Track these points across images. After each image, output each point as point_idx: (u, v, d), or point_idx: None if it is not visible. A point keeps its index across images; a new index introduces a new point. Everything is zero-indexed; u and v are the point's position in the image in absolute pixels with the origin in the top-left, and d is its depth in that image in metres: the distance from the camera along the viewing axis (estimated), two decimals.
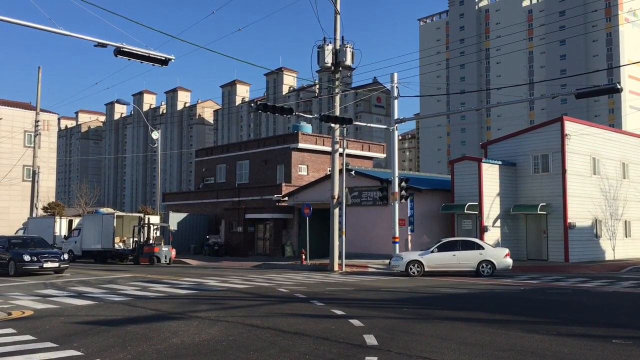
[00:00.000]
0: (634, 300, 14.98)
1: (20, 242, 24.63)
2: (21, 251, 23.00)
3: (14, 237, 26.08)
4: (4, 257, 23.22)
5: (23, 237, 27.94)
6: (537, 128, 33.55)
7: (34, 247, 23.78)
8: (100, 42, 15.15)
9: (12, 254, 22.96)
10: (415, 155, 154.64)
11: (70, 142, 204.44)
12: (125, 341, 8.92)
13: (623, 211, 32.54)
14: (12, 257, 22.79)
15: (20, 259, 22.46)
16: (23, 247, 23.73)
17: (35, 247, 23.82)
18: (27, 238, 25.92)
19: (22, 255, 22.49)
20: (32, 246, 23.93)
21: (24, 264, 22.44)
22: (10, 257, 22.85)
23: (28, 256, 22.51)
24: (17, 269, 22.40)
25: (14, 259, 22.61)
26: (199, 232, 43.28)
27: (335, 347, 8.37)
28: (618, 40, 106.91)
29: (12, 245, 23.79)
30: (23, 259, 22.42)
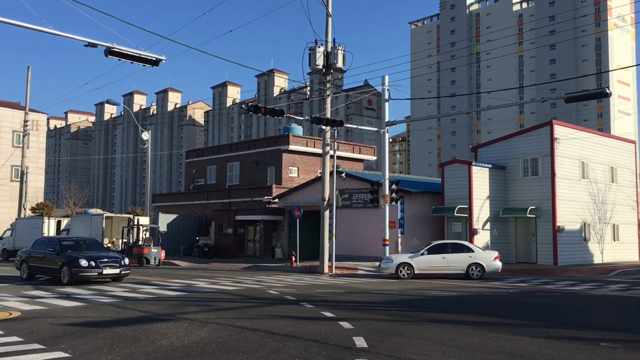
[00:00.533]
0: (622, 304, 15.08)
1: (72, 243, 20.81)
2: (76, 254, 19.30)
3: (65, 238, 22.11)
4: (55, 261, 19.48)
5: (74, 238, 23.85)
6: (527, 132, 33.73)
7: (89, 250, 20.39)
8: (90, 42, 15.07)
9: (65, 258, 19.19)
10: (406, 158, 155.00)
11: (60, 143, 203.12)
12: (113, 343, 8.85)
13: (611, 215, 32.77)
14: (65, 262, 18.97)
15: (76, 264, 18.73)
16: (76, 249, 20.16)
17: (91, 250, 20.42)
18: (79, 239, 22.06)
19: (79, 260, 18.75)
20: (85, 248, 20.52)
21: (81, 270, 18.73)
22: (64, 262, 19.01)
23: (85, 261, 18.75)
24: (73, 276, 18.74)
25: (69, 264, 18.84)
26: (189, 234, 43.11)
27: (325, 350, 8.35)
28: (607, 45, 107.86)
29: (64, 247, 19.98)
30: (79, 264, 18.68)
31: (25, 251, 21.89)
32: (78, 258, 18.92)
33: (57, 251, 19.62)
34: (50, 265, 19.63)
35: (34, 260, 20.69)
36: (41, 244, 21.19)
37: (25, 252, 21.75)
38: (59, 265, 19.13)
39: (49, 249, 19.99)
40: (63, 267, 18.94)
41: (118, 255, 20.92)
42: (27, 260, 21.00)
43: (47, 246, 20.36)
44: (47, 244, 20.74)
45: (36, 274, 20.76)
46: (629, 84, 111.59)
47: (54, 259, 19.52)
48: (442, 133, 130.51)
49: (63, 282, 18.72)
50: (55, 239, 21.47)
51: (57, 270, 19.22)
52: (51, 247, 20.05)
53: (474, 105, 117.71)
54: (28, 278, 20.61)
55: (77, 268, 18.70)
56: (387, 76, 26.65)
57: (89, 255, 19.35)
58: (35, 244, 21.66)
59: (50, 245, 20.23)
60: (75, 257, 19.03)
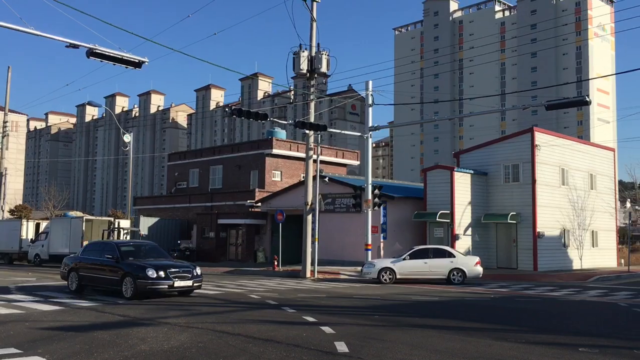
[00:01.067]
0: (601, 309, 15.26)
1: (132, 249, 17.49)
2: (141, 263, 16.11)
3: (124, 243, 18.61)
4: (114, 271, 16.29)
5: (133, 242, 20.14)
6: (508, 138, 34.08)
7: (150, 256, 17.12)
8: (72, 43, 14.91)
9: (127, 267, 15.96)
10: (389, 163, 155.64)
11: (39, 144, 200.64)
12: (91, 347, 8.74)
13: (590, 221, 33.18)
14: (128, 272, 15.77)
15: (142, 274, 15.47)
16: (137, 256, 16.96)
17: (153, 257, 17.14)
18: (139, 244, 18.84)
19: (146, 270, 15.49)
20: (146, 255, 17.24)
21: (149, 282, 15.38)
22: (126, 272, 15.83)
23: (153, 271, 15.48)
24: (138, 289, 15.45)
25: (133, 275, 15.61)
26: (171, 237, 42.77)
27: (306, 354, 8.33)
28: (587, 54, 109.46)
29: (124, 254, 16.74)
30: (147, 275, 15.39)
31: (74, 258, 18.41)
32: (145, 267, 15.59)
33: (117, 258, 16.35)
34: (108, 276, 16.49)
35: (85, 269, 17.31)
36: (94, 250, 17.86)
37: (74, 259, 18.28)
38: (119, 276, 15.93)
39: (106, 256, 16.71)
40: (125, 278, 15.74)
41: (188, 263, 17.51)
42: (77, 268, 17.55)
43: (103, 252, 17.07)
44: (102, 249, 17.41)
45: (88, 285, 17.37)
46: (608, 92, 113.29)
47: (113, 268, 16.29)
48: (425, 139, 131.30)
49: (125, 296, 15.57)
50: (112, 243, 17.69)
51: (116, 281, 16.04)
52: (108, 253, 16.76)
53: (457, 112, 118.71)
54: (77, 290, 17.31)
55: (143, 279, 15.37)
56: (371, 81, 26.74)
57: (156, 263, 15.99)
58: (87, 250, 18.34)
59: (107, 251, 16.91)
60: (141, 266, 15.70)
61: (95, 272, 16.96)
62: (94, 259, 17.21)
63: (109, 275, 16.42)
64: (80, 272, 17.35)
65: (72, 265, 17.77)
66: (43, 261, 35.89)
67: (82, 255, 18.08)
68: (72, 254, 20.68)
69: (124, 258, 16.37)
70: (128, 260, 16.28)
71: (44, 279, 23.39)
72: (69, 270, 17.84)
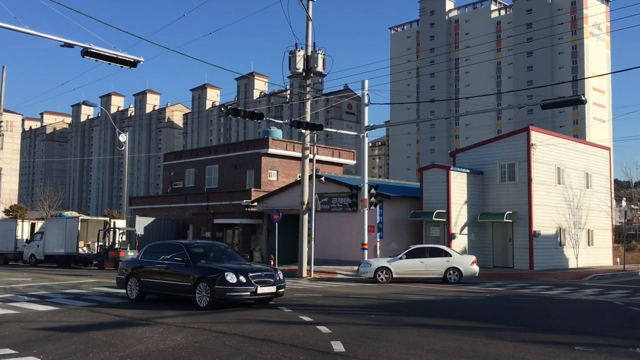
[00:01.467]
0: (596, 308, 15.30)
1: (202, 250, 15.21)
2: (217, 266, 13.82)
3: (192, 244, 15.78)
4: (185, 276, 13.94)
5: (202, 243, 17.21)
6: (504, 137, 34.13)
7: (223, 259, 14.95)
8: (67, 42, 14.86)
9: (200, 271, 13.67)
10: (385, 163, 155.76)
11: (35, 144, 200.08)
12: (87, 348, 8.71)
13: (586, 220, 33.26)
14: (202, 277, 13.45)
15: (220, 280, 13.11)
16: (208, 258, 14.75)
17: (228, 260, 14.97)
18: (208, 244, 16.49)
19: (224, 274, 13.16)
20: (217, 257, 14.98)
21: (229, 289, 13.04)
22: (200, 277, 13.50)
23: (233, 275, 13.16)
24: (216, 297, 13.10)
25: (208, 280, 13.25)
26: (167, 237, 42.70)
27: (303, 354, 8.32)
28: (583, 53, 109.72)
29: (195, 256, 14.45)
30: (225, 280, 13.07)
31: (133, 262, 16.05)
32: (223, 271, 13.29)
33: (186, 261, 14.07)
34: (177, 282, 14.13)
35: (147, 275, 14.96)
36: (157, 252, 15.44)
37: (133, 262, 15.92)
38: (191, 282, 13.63)
39: (175, 259, 14.35)
40: (199, 284, 13.44)
41: (268, 266, 15.95)
42: (137, 273, 15.20)
43: (170, 254, 14.74)
44: (167, 251, 15.06)
45: (151, 292, 15.04)
46: (604, 91, 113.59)
47: (183, 273, 13.98)
48: (421, 138, 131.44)
49: (200, 305, 13.26)
50: (180, 244, 15.23)
51: (187, 288, 13.73)
52: (177, 255, 14.42)
53: (453, 111, 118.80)
54: (139, 298, 15.02)
55: (222, 286, 13.03)
56: (367, 81, 26.78)
57: (235, 267, 13.79)
58: (148, 252, 15.73)
59: (176, 253, 14.56)
60: (218, 270, 13.43)
61: (159, 278, 14.61)
62: (157, 263, 14.86)
63: (178, 281, 14.04)
64: (142, 277, 14.99)
65: (132, 270, 15.40)
66: (38, 261, 35.81)
67: (142, 258, 15.62)
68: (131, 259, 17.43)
69: (195, 261, 14.12)
70: (200, 264, 14.03)
71: (39, 279, 23.32)
72: (128, 275, 15.46)
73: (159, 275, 14.67)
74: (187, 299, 13.86)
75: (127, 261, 16.89)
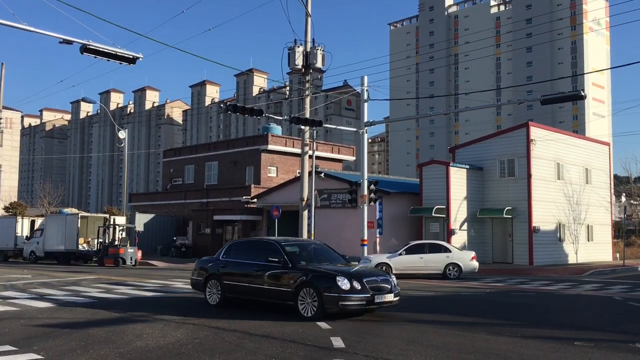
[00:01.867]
0: (596, 303, 15.32)
1: (298, 250, 13.00)
2: (322, 268, 11.95)
3: (288, 242, 13.30)
4: (284, 280, 11.93)
5: (297, 241, 14.68)
6: (504, 133, 34.11)
7: (324, 260, 12.87)
8: (65, 39, 14.83)
9: (305, 274, 11.60)
10: (385, 159, 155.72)
11: (34, 141, 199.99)
12: (87, 344, 8.72)
13: (586, 216, 33.27)
14: (307, 282, 11.41)
15: (329, 285, 11.09)
16: (308, 259, 12.70)
17: (330, 261, 12.89)
18: (304, 243, 14.56)
19: (335, 279, 11.09)
20: (316, 258, 12.93)
21: (340, 296, 10.96)
22: (304, 282, 11.46)
23: (346, 280, 11.08)
24: (325, 305, 11.05)
25: (315, 286, 11.24)
26: (166, 234, 42.75)
27: (302, 350, 8.33)
28: (582, 49, 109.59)
29: (293, 256, 12.34)
30: (337, 286, 11.00)
31: (213, 262, 13.70)
32: (333, 275, 11.27)
33: (284, 263, 12.04)
34: (273, 287, 12.07)
35: (233, 277, 12.95)
36: (244, 251, 13.48)
37: (213, 263, 13.62)
38: (292, 287, 11.62)
39: (270, 260, 12.21)
40: (302, 290, 11.42)
41: (380, 270, 13.82)
42: (219, 275, 13.16)
43: (261, 254, 12.66)
44: (257, 250, 13.03)
45: (238, 297, 13.00)
46: (603, 86, 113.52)
47: (281, 277, 11.97)
48: (421, 134, 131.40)
49: (304, 315, 11.27)
50: (273, 243, 12.94)
51: (287, 294, 11.71)
52: (272, 256, 12.28)
53: (452, 107, 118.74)
54: (222, 304, 13.03)
55: (333, 293, 11.00)
56: (366, 77, 26.66)
57: (346, 270, 11.79)
58: (232, 251, 13.64)
59: (270, 253, 12.40)
60: (327, 274, 11.47)
61: (248, 282, 12.55)
62: (245, 264, 12.86)
63: (275, 286, 12.01)
64: (225, 280, 13.01)
65: (213, 272, 13.34)
66: (38, 258, 35.82)
67: (225, 257, 13.51)
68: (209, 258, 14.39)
69: (295, 262, 12.08)
70: (301, 265, 12.05)
71: (39, 276, 23.33)
72: (207, 277, 13.42)
73: (247, 278, 12.60)
74: (285, 307, 11.97)
75: (204, 260, 14.31)
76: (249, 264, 12.80)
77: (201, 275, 13.74)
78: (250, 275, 12.62)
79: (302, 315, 11.30)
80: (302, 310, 11.42)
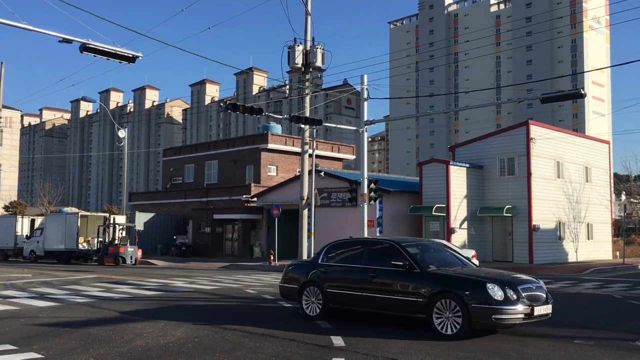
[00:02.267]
0: (596, 302, 15.32)
1: (418, 250, 10.75)
2: (466, 275, 9.90)
3: (409, 242, 11.12)
4: (412, 287, 9.84)
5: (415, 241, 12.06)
6: (504, 132, 34.10)
7: (449, 263, 10.68)
8: (65, 38, 14.82)
9: (440, 281, 9.66)
10: (385, 157, 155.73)
11: (34, 140, 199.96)
12: (87, 343, 8.72)
13: (586, 214, 33.27)
14: (446, 291, 9.40)
15: (478, 295, 9.10)
16: (435, 263, 10.49)
17: (457, 265, 10.69)
18: (423, 243, 11.90)
19: (485, 287, 9.11)
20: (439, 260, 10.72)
21: (494, 309, 8.95)
22: (441, 290, 9.47)
23: (498, 288, 9.10)
24: (473, 320, 9.05)
25: (458, 296, 9.21)
26: (166, 233, 42.76)
27: (303, 349, 8.33)
28: (582, 47, 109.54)
29: (420, 259, 10.27)
30: (488, 296, 9.01)
31: (309, 266, 11.60)
32: (483, 282, 9.28)
33: (409, 266, 9.89)
34: (396, 296, 9.94)
35: (340, 284, 10.81)
36: (352, 253, 11.29)
37: (311, 267, 11.49)
38: (423, 297, 9.56)
39: (393, 264, 10.00)
40: (439, 300, 9.39)
41: (530, 276, 10.47)
42: (319, 282, 11.01)
43: (377, 257, 10.67)
44: (373, 252, 10.90)
45: (343, 308, 10.94)
46: (603, 85, 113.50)
47: (408, 284, 9.84)
48: (421, 132, 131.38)
49: (443, 332, 9.28)
50: (392, 243, 10.76)
51: (417, 306, 9.66)
52: (394, 259, 10.13)
53: (452, 105, 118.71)
54: (322, 315, 10.91)
55: (484, 305, 9.00)
56: (366, 75, 26.63)
57: (496, 276, 9.80)
58: (334, 253, 11.44)
59: (390, 256, 10.32)
60: (475, 281, 9.48)
61: (361, 290, 10.42)
62: (357, 269, 10.70)
63: (399, 296, 9.91)
64: (328, 288, 10.88)
65: (311, 278, 11.20)
66: (38, 257, 35.83)
67: (323, 260, 11.41)
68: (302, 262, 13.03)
69: (423, 266, 9.98)
70: (431, 270, 9.99)
71: (39, 275, 23.34)
72: (304, 284, 11.29)
73: (359, 285, 10.45)
74: (414, 321, 10.10)
75: (298, 265, 12.36)
76: (361, 269, 10.59)
77: (295, 282, 11.52)
78: (363, 282, 10.40)
79: (439, 333, 9.24)
80: (439, 325, 9.30)
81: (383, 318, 10.77)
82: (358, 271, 10.68)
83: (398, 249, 10.40)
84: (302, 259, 13.31)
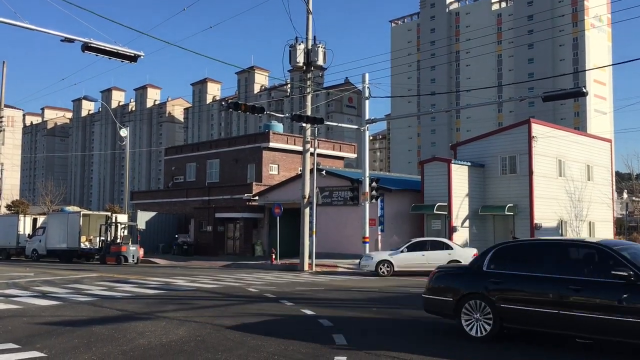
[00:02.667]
0: None
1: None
2: None
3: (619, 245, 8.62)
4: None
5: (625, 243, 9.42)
6: (505, 130, 34.10)
7: None
8: (67, 37, 14.86)
9: None
10: (386, 156, 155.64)
11: (36, 139, 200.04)
12: (90, 342, 8.74)
13: (587, 212, 33.24)
14: None
15: None
16: None
17: None
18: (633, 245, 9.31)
19: None
20: None
21: None
22: None
23: None
24: None
25: None
26: (168, 232, 42.80)
27: (305, 347, 8.34)
28: (584, 45, 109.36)
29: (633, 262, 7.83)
30: None
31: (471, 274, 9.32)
32: None
33: (634, 278, 7.59)
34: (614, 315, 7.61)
35: (522, 299, 8.54)
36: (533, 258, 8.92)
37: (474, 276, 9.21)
38: None
39: (614, 274, 7.75)
40: None
41: None
42: (488, 296, 8.76)
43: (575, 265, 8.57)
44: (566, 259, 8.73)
45: (528, 328, 8.68)
46: (605, 83, 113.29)
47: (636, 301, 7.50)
48: (422, 131, 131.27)
49: None
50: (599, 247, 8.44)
51: None
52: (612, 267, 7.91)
53: (454, 104, 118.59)
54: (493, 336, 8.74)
55: None
56: (368, 74, 26.80)
57: None
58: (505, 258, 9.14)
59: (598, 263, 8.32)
60: None
61: (558, 307, 8.11)
62: (548, 279, 8.35)
63: (617, 316, 7.58)
64: (502, 303, 8.62)
65: (475, 290, 8.98)
66: (41, 256, 35.91)
67: (490, 268, 9.04)
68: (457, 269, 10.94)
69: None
70: None
71: (42, 274, 23.38)
72: (463, 297, 9.06)
73: (553, 301, 8.16)
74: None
75: (452, 273, 10.02)
76: (555, 280, 8.26)
77: (450, 294, 9.24)
78: (560, 297, 8.13)
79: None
80: None
81: (383, 318, 10.76)
82: (550, 282, 8.29)
83: (611, 254, 8.10)
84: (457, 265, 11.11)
